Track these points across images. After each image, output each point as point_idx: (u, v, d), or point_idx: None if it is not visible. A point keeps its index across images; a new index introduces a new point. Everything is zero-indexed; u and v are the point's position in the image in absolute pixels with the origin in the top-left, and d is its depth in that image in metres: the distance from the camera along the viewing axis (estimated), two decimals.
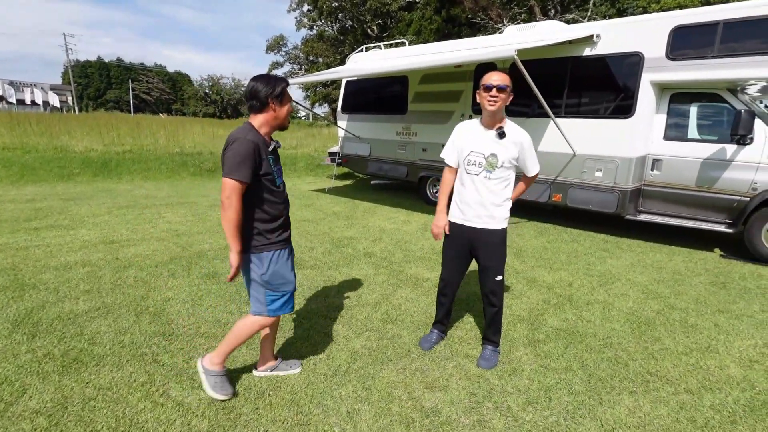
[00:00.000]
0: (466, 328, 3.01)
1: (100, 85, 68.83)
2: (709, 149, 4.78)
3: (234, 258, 1.95)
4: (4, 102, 39.98)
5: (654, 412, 2.16)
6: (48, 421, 1.98)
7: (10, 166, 8.84)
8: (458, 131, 2.55)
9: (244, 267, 2.08)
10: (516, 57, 4.22)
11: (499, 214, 2.44)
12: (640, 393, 2.31)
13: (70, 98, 49.66)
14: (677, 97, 5.01)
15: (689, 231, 5.20)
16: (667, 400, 2.25)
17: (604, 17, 18.15)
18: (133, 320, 2.98)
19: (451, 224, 2.58)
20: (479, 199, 2.43)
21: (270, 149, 2.01)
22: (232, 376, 2.33)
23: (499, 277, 2.51)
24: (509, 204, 2.49)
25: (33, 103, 41.76)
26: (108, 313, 3.07)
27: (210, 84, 60.21)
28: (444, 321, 2.81)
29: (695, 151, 4.86)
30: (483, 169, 2.40)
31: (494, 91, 2.28)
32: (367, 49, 8.34)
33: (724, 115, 4.73)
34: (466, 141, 2.48)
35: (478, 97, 2.39)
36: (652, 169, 5.18)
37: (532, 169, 2.51)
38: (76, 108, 46.02)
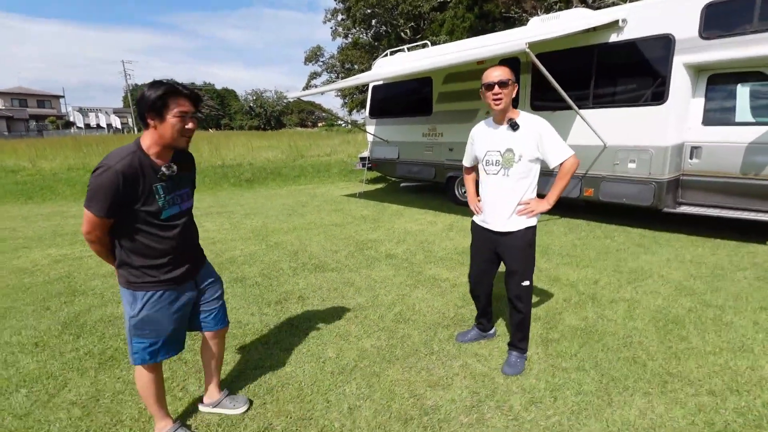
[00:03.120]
0: None
1: None
2: (754, 133, 4.40)
3: None
4: (74, 127, 44.09)
5: (668, 414, 2.04)
6: (81, 411, 2.20)
7: (74, 184, 9.78)
8: (472, 134, 2.50)
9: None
10: (528, 50, 4.12)
11: (521, 215, 2.30)
12: (655, 394, 2.19)
13: (130, 120, 53.83)
14: (715, 78, 4.66)
15: (739, 223, 4.80)
16: (684, 402, 2.12)
17: None
18: None
19: (474, 224, 2.54)
20: (499, 200, 2.31)
21: (158, 175, 1.67)
22: (244, 374, 2.47)
23: (526, 283, 2.36)
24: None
25: (98, 126, 45.69)
26: None
27: (254, 98, 63.04)
28: (482, 320, 2.74)
29: (738, 136, 4.49)
30: (501, 167, 2.28)
31: (496, 88, 2.17)
32: (392, 53, 8.43)
33: None
34: (481, 142, 2.40)
35: (482, 98, 2.29)
36: (691, 158, 4.85)
37: (554, 158, 2.21)
38: (135, 128, 49.78)
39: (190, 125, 1.67)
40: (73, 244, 5.53)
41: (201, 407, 2.19)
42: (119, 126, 47.50)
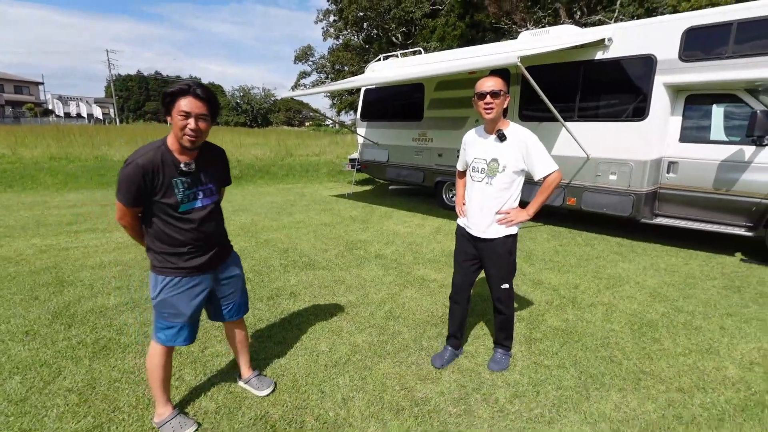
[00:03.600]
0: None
1: (139, 97, 72.43)
2: (726, 151, 4.68)
3: None
4: (53, 115, 42.84)
5: (640, 408, 2.20)
6: (78, 397, 2.23)
7: (56, 174, 9.57)
8: (465, 140, 2.56)
9: None
10: (519, 63, 4.30)
11: (501, 224, 2.37)
12: (629, 390, 2.35)
13: (112, 110, 52.59)
14: (693, 98, 4.93)
15: (711, 235, 5.08)
16: (656, 398, 2.29)
17: (632, 17, 17.74)
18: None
19: (459, 227, 2.58)
20: (480, 207, 2.38)
21: (178, 171, 1.78)
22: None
23: (505, 285, 2.45)
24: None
25: (78, 115, 44.51)
26: (135, 307, 3.36)
27: (241, 94, 62.33)
28: (457, 335, 2.67)
29: (712, 153, 4.77)
30: (485, 175, 2.35)
31: (488, 98, 2.22)
32: (385, 58, 8.57)
33: (741, 117, 4.62)
34: (471, 148, 2.46)
35: (474, 106, 2.32)
36: (668, 172, 5.11)
37: (540, 171, 2.27)
38: (117, 119, 48.68)
39: (190, 124, 1.71)
40: (57, 234, 5.45)
41: (239, 381, 2.37)
42: (100, 116, 46.41)
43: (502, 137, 2.30)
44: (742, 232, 4.63)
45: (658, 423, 2.09)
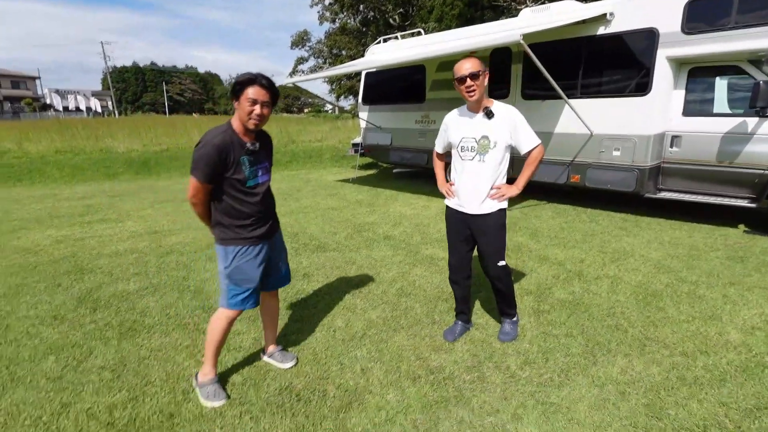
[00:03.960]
0: (474, 297, 3.21)
1: (136, 89, 72.01)
2: (729, 123, 4.70)
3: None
4: (52, 110, 42.72)
5: (645, 371, 2.31)
6: (112, 374, 2.36)
7: (63, 167, 9.67)
8: (446, 121, 2.58)
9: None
10: (522, 41, 4.31)
11: (494, 199, 2.43)
12: (635, 355, 2.46)
13: (110, 103, 52.34)
14: (696, 71, 4.93)
15: (714, 207, 5.15)
16: (660, 361, 2.39)
17: None
18: (176, 297, 3.37)
19: (450, 209, 2.62)
20: (474, 184, 2.43)
21: (244, 149, 1.99)
22: (259, 342, 2.65)
23: (502, 263, 2.50)
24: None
25: (77, 109, 44.36)
26: (155, 291, 3.48)
27: None
28: (465, 310, 2.74)
29: (715, 126, 4.79)
30: (476, 152, 2.39)
31: (468, 81, 2.24)
32: (385, 41, 8.52)
33: (744, 88, 4.63)
34: (456, 129, 2.47)
35: (456, 89, 2.34)
36: (671, 146, 5.14)
37: (526, 145, 2.37)
38: (116, 112, 48.49)
39: (256, 110, 1.93)
40: (72, 225, 5.57)
41: (262, 356, 2.50)
42: (99, 109, 46.20)
43: (489, 114, 2.36)
44: (745, 203, 4.69)
45: (662, 384, 2.20)
